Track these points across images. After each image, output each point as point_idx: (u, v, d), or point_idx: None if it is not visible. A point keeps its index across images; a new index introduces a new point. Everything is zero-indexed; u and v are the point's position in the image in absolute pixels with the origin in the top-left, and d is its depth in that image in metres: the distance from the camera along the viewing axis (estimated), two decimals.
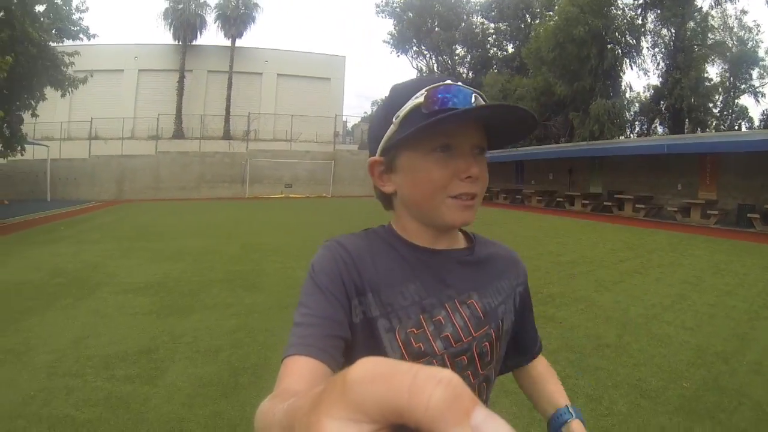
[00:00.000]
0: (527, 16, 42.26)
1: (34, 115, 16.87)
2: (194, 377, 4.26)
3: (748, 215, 16.07)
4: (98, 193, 29.31)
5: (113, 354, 4.76)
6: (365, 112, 77.39)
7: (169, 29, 40.62)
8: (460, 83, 0.97)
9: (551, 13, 33.38)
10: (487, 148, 1.03)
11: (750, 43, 31.92)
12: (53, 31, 16.20)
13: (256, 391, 3.97)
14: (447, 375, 0.26)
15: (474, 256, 1.10)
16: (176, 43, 40.64)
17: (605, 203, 21.65)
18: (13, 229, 14.65)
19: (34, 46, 14.81)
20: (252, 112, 36.57)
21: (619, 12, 30.62)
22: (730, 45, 32.07)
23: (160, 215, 19.50)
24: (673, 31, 31.22)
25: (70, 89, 17.42)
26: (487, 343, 1.03)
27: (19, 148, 16.79)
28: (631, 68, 33.06)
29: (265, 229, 14.91)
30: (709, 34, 31.72)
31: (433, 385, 0.25)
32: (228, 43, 41.57)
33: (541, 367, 1.26)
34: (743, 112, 32.15)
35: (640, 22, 31.28)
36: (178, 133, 37.60)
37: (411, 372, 0.26)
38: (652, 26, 32.20)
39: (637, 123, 34.69)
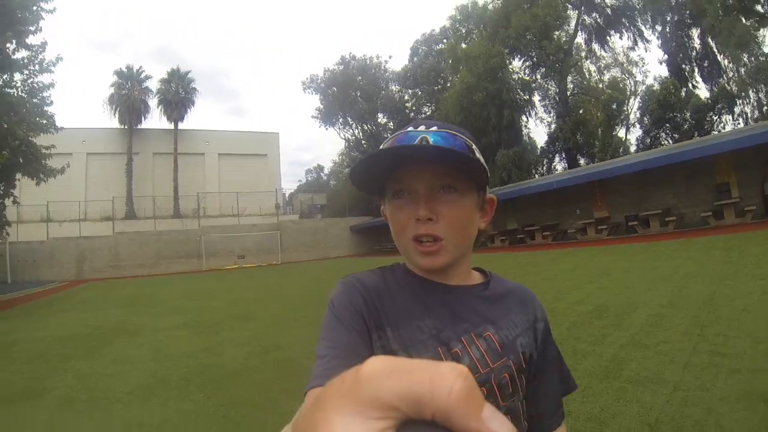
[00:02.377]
0: (440, 80, 47.03)
1: (15, 202, 18.91)
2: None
3: (629, 224, 20.52)
4: (58, 273, 30.85)
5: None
6: (300, 181, 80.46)
7: (115, 114, 43.22)
8: (421, 127, 1.02)
9: (457, 77, 38.34)
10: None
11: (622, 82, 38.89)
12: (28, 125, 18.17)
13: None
14: (464, 369, 0.27)
15: (489, 291, 1.10)
16: (122, 127, 43.13)
17: (518, 236, 25.62)
18: (7, 306, 16.49)
19: (19, 141, 17.01)
20: (199, 191, 39.11)
21: (511, 76, 36.17)
22: (602, 88, 38.97)
23: (137, 288, 21.50)
24: (555, 84, 38.26)
25: (45, 178, 19.19)
26: (506, 375, 1.00)
27: (4, 232, 18.68)
28: (527, 120, 38.69)
29: (237, 288, 17.53)
30: (584, 83, 39.50)
31: (455, 377, 0.26)
32: (171, 126, 44.36)
33: None
34: (620, 143, 38.28)
35: (528, 79, 37.68)
36: (131, 214, 39.55)
37: (430, 364, 0.27)
38: (539, 83, 38.91)
39: (540, 164, 39.95)
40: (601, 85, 39.27)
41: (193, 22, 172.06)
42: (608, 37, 39.09)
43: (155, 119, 45.83)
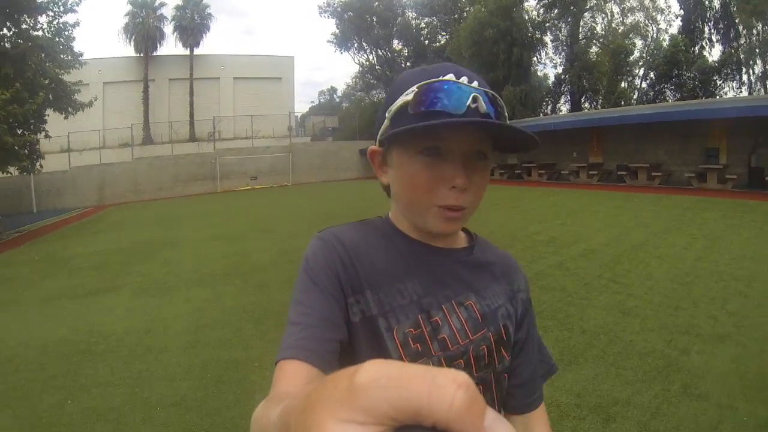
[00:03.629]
0: (456, 9, 46.73)
1: (48, 137, 20.41)
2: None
3: (619, 173, 21.51)
4: (81, 200, 31.99)
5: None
6: (312, 102, 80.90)
7: (130, 43, 43.53)
8: (464, 79, 0.90)
9: (472, 9, 38.53)
10: (495, 151, 0.98)
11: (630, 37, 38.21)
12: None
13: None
14: (465, 378, 0.26)
15: (473, 257, 1.06)
16: (138, 55, 43.51)
17: (516, 171, 26.71)
18: (44, 232, 18.17)
19: (49, 80, 18.31)
20: (214, 115, 40.14)
21: (525, 13, 35.85)
22: (611, 39, 38.24)
23: (160, 209, 23.25)
24: (568, 27, 37.91)
25: (74, 112, 20.50)
26: (484, 347, 0.97)
27: (38, 165, 20.21)
28: (537, 59, 38.02)
29: (254, 207, 19.40)
30: (597, 29, 38.58)
31: (455, 388, 0.25)
32: (186, 52, 44.74)
33: (540, 425, 1.08)
34: (623, 93, 37.69)
35: (541, 20, 37.15)
36: (148, 140, 40.79)
37: (429, 374, 0.26)
38: (553, 23, 38.34)
39: (545, 104, 40.20)
40: (621, 28, 38.60)
41: None
42: None
43: (170, 46, 46.35)
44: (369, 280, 0.95)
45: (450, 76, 0.89)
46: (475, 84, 0.90)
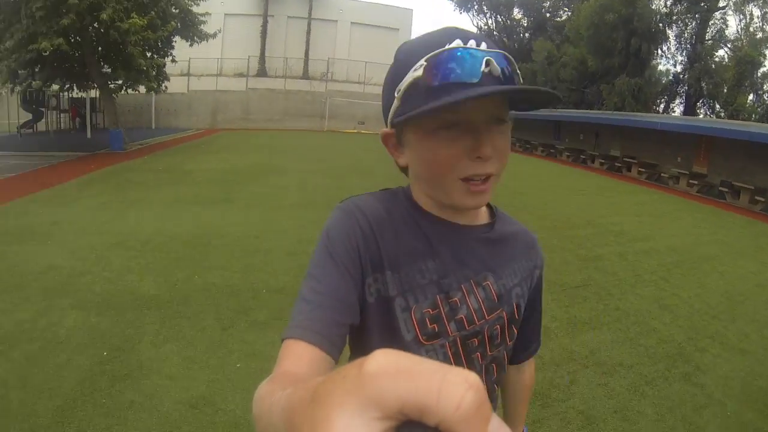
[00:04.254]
0: None
1: (173, 61, 22.06)
2: None
3: (720, 188, 20.44)
4: (195, 122, 34.40)
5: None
6: None
7: None
8: (471, 43, 0.85)
9: None
10: (510, 110, 0.94)
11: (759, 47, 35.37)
12: None
13: None
14: (476, 380, 0.26)
15: (494, 233, 1.04)
16: None
17: (616, 164, 25.98)
18: (162, 147, 20.28)
19: (179, 10, 19.89)
20: (329, 57, 41.46)
21: (649, 2, 34.28)
22: (740, 46, 35.60)
23: (269, 139, 24.76)
24: (696, 24, 35.61)
25: (198, 41, 22.18)
26: (498, 326, 1.00)
27: (163, 86, 21.66)
28: (657, 53, 36.02)
29: (358, 150, 20.43)
30: (726, 32, 36.04)
31: (465, 389, 0.25)
32: None
33: (526, 378, 1.26)
34: (743, 106, 35.06)
35: (667, 12, 35.20)
36: (262, 72, 42.49)
37: (441, 371, 0.26)
38: (678, 17, 36.06)
39: (659, 101, 38.19)
40: (760, 35, 35.53)
41: None
42: None
43: None
44: (390, 257, 0.93)
45: (457, 42, 0.85)
46: (483, 46, 0.86)
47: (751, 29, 35.95)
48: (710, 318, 5.62)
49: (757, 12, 35.84)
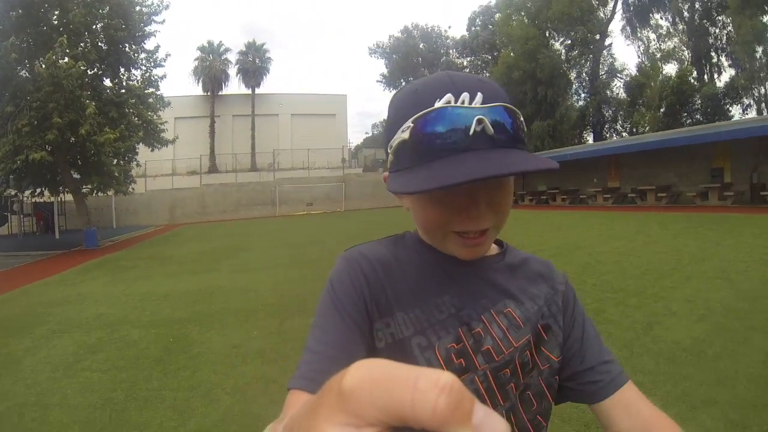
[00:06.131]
0: (494, 51, 50.27)
1: (138, 165, 24.37)
2: None
3: (628, 195, 24.06)
4: (154, 219, 36.17)
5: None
6: (366, 133, 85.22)
7: (199, 83, 49.28)
8: (464, 97, 0.80)
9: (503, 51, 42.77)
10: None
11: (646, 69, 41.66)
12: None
13: None
14: (448, 380, 0.26)
15: (505, 262, 1.02)
16: (206, 94, 49.14)
17: (541, 197, 29.47)
18: (133, 242, 22.24)
19: (144, 121, 22.21)
20: (274, 148, 44.17)
21: (551, 53, 39.48)
22: (627, 73, 42.59)
23: (228, 229, 27.20)
24: (590, 65, 42.17)
25: (159, 147, 24.20)
26: (528, 352, 0.94)
27: (130, 188, 23.51)
28: (561, 96, 40.81)
29: (309, 227, 22.78)
30: (615, 64, 42.98)
31: (437, 393, 0.25)
32: (248, 91, 50.10)
33: (640, 402, 0.93)
34: (639, 123, 40.57)
35: (563, 59, 40.83)
36: (214, 168, 45.31)
37: (411, 378, 0.26)
38: (575, 62, 42.45)
39: (573, 136, 42.96)
40: (659, 54, 41.65)
41: None
42: (651, 14, 40.91)
43: (234, 86, 51.04)
44: (400, 299, 0.91)
45: (447, 98, 0.80)
46: (478, 99, 0.80)
47: (651, 50, 41.88)
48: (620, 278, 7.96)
49: (652, 36, 41.89)
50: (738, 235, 10.78)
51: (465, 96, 0.80)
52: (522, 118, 0.88)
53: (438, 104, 0.80)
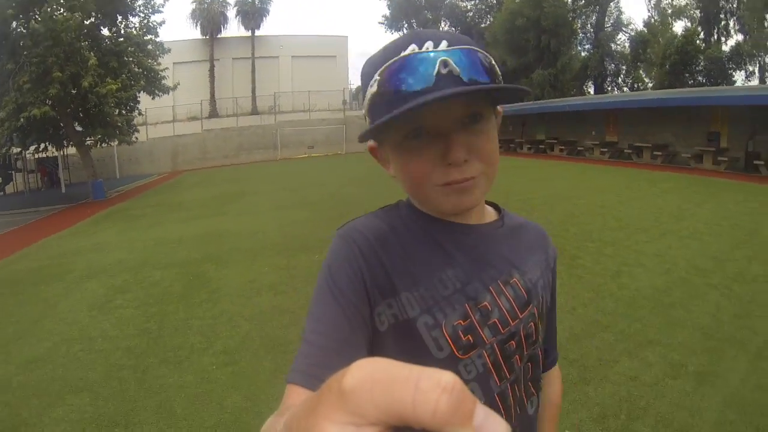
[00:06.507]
0: None
1: (140, 114, 24.74)
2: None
3: (624, 150, 24.14)
4: (157, 167, 36.38)
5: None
6: None
7: (197, 26, 48.61)
8: (428, 45, 0.82)
9: None
10: (493, 105, 0.91)
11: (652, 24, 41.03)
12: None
13: None
14: (450, 380, 0.25)
15: (506, 228, 1.01)
16: (204, 37, 48.50)
17: (539, 146, 29.54)
18: (139, 191, 22.80)
19: (143, 69, 22.42)
20: (275, 91, 44.02)
21: (554, 3, 38.33)
22: (632, 28, 41.71)
23: (231, 173, 27.67)
24: (596, 16, 41.47)
25: (159, 94, 24.35)
26: (532, 323, 0.94)
27: (134, 137, 23.95)
28: (565, 46, 40.30)
29: (310, 170, 23.34)
30: (622, 17, 41.97)
31: (438, 394, 0.25)
32: (248, 33, 49.48)
33: (552, 392, 1.15)
34: (640, 79, 40.66)
35: (568, 7, 39.87)
36: (214, 113, 45.42)
37: (412, 378, 0.25)
38: (581, 11, 41.42)
39: (574, 87, 42.19)
40: (655, 19, 41.24)
41: None
42: None
43: (233, 29, 50.36)
44: (402, 277, 0.88)
45: (411, 48, 0.81)
46: (443, 45, 0.82)
47: (663, 5, 40.98)
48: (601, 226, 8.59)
49: None
50: (720, 199, 11.17)
51: (429, 44, 0.82)
52: (493, 61, 0.88)
53: (402, 54, 0.81)
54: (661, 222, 8.96)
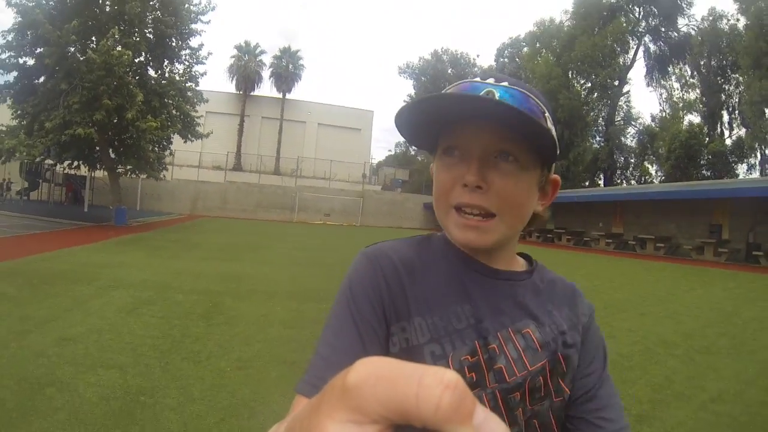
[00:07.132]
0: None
1: (171, 154, 26.19)
2: None
3: (628, 242, 24.89)
4: (176, 207, 37.73)
5: None
6: (389, 151, 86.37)
7: (232, 81, 51.38)
8: (490, 80, 0.87)
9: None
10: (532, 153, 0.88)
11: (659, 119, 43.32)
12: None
13: None
14: (453, 378, 0.25)
15: (532, 280, 0.99)
16: (238, 92, 51.09)
17: (548, 235, 30.35)
18: (158, 226, 23.90)
19: (182, 113, 23.77)
20: (298, 155, 45.85)
21: (570, 94, 40.71)
22: (641, 122, 44.14)
23: (246, 227, 28.82)
24: (606, 109, 43.58)
25: (193, 139, 25.69)
26: (541, 378, 0.90)
27: (162, 174, 25.12)
28: (578, 137, 41.76)
29: (325, 235, 24.17)
30: (632, 111, 44.30)
31: (441, 390, 0.25)
32: (279, 95, 51.93)
33: None
34: (646, 171, 42.80)
35: (581, 101, 41.80)
36: (238, 166, 47.00)
37: (416, 375, 0.25)
38: (593, 105, 43.53)
39: (585, 178, 44.21)
40: (666, 113, 43.33)
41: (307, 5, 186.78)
42: (670, 67, 42.94)
43: (266, 88, 52.51)
44: (420, 303, 0.89)
45: (477, 77, 0.88)
46: (504, 83, 0.86)
47: (674, 99, 43.24)
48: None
49: (676, 84, 43.41)
50: (709, 286, 11.80)
51: (491, 79, 0.87)
52: (548, 113, 0.90)
53: (464, 81, 0.86)
54: (645, 304, 9.55)
